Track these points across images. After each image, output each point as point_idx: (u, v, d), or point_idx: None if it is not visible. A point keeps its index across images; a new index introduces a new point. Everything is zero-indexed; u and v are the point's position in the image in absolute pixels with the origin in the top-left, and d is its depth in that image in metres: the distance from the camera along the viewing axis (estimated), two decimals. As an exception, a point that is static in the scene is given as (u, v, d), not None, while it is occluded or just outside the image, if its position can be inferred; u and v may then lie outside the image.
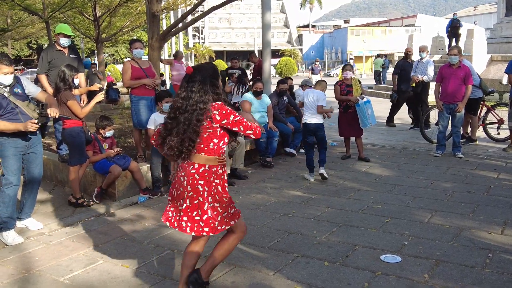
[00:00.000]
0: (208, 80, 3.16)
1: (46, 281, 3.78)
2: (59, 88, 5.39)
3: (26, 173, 4.81)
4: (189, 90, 3.12)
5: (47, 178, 6.86)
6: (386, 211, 5.25)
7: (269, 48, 9.65)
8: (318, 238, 4.51)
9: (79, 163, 5.58)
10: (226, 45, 68.96)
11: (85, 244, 4.53)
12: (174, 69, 12.42)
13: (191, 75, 3.17)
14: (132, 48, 6.75)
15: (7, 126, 4.37)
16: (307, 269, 3.85)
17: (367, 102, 7.73)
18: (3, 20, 25.55)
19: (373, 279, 3.63)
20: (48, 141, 8.21)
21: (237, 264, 3.97)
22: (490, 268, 3.76)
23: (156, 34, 8.68)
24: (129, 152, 7.08)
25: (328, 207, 5.42)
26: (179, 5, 18.89)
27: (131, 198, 5.97)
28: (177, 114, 3.12)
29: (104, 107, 14.24)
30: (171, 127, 3.14)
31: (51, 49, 6.69)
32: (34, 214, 5.21)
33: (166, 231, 4.79)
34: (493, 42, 20.40)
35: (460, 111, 7.79)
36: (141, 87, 6.68)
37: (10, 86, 4.45)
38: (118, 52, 55.48)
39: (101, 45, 20.68)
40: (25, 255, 4.31)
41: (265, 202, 5.72)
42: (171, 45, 26.36)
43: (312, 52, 70.06)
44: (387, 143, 9.37)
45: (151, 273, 3.86)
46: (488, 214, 5.07)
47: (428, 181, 6.46)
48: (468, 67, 8.02)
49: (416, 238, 4.44)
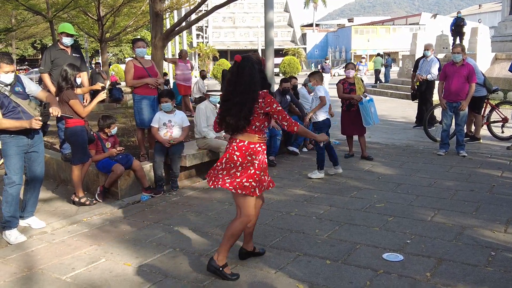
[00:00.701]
0: (256, 67, 3.59)
1: (48, 279, 3.79)
2: (61, 87, 5.41)
3: (28, 172, 4.82)
4: (239, 76, 3.55)
5: (50, 177, 6.88)
6: (388, 209, 5.24)
7: (272, 47, 9.62)
8: (320, 236, 4.50)
9: (81, 162, 5.59)
10: (230, 44, 68.97)
11: (88, 242, 4.55)
12: (178, 69, 12.40)
13: (240, 63, 3.58)
14: (135, 47, 6.75)
15: (13, 123, 4.38)
16: (309, 267, 3.85)
17: (370, 100, 7.71)
18: (8, 20, 25.66)
19: (375, 278, 3.62)
20: (51, 140, 8.24)
21: (239, 263, 3.96)
22: (493, 267, 3.74)
23: (159, 33, 8.69)
24: (132, 151, 7.09)
25: (330, 206, 5.41)
26: (183, 5, 18.86)
27: (134, 197, 5.99)
28: (230, 97, 3.57)
29: (107, 107, 14.29)
30: (225, 108, 3.61)
31: (54, 48, 6.71)
32: (37, 213, 5.23)
33: (168, 230, 4.80)
34: (497, 41, 20.31)
35: (463, 109, 7.75)
36: (144, 87, 6.68)
37: (11, 85, 4.46)
38: (122, 52, 55.62)
39: (105, 45, 20.74)
40: (28, 254, 4.32)
41: (267, 201, 5.69)
42: (174, 44, 26.38)
43: (316, 51, 69.99)
44: (390, 142, 9.35)
45: (153, 271, 3.86)
46: (491, 212, 5.05)
47: (431, 179, 6.44)
48: (472, 65, 7.97)
49: (418, 236, 4.42)
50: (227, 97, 3.61)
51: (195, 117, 6.87)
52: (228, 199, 5.80)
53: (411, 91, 11.32)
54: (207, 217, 5.20)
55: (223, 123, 3.66)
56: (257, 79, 3.55)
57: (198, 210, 5.46)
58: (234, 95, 3.54)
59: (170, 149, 6.23)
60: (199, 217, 5.20)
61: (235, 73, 3.58)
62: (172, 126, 6.37)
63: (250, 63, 3.56)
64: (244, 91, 3.51)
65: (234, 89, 3.55)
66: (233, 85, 3.57)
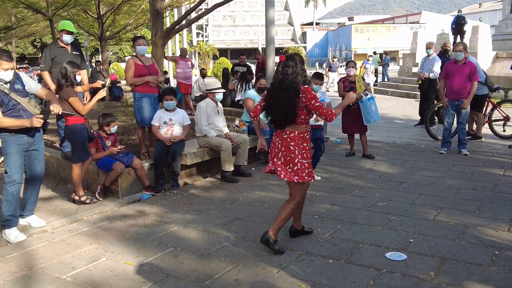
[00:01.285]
0: (299, 65, 3.99)
1: (48, 278, 3.76)
2: (61, 85, 5.36)
3: (28, 170, 4.78)
4: (284, 73, 3.96)
5: (50, 175, 6.85)
6: (391, 208, 5.21)
7: (273, 45, 9.57)
8: (323, 235, 4.47)
9: (81, 160, 5.55)
10: (230, 43, 68.86)
11: (88, 241, 4.51)
12: (179, 67, 12.37)
13: (285, 62, 4.00)
14: (136, 45, 6.72)
15: (13, 122, 4.35)
16: (311, 266, 3.82)
17: (371, 98, 7.68)
18: (7, 18, 25.58)
19: (378, 277, 3.59)
20: (51, 138, 8.20)
21: (241, 262, 3.93)
22: (497, 266, 3.71)
23: (160, 32, 8.65)
24: (133, 149, 7.05)
25: (332, 205, 5.38)
26: (183, 3, 18.85)
27: (134, 196, 5.95)
28: (274, 94, 3.99)
29: (107, 105, 14.23)
30: (270, 102, 4.03)
31: (54, 46, 6.67)
32: (37, 211, 5.20)
33: (169, 229, 4.77)
34: (498, 39, 20.27)
35: (465, 108, 7.71)
36: (144, 85, 6.65)
37: (10, 82, 4.42)
38: (122, 50, 55.49)
39: (105, 43, 20.68)
40: (28, 253, 4.29)
41: (269, 200, 5.68)
42: (175, 43, 26.33)
43: (316, 50, 69.85)
44: (391, 140, 9.31)
45: (154, 270, 3.83)
46: (494, 211, 5.01)
47: (433, 178, 6.41)
48: (474, 63, 7.93)
49: (421, 235, 4.39)
50: (273, 93, 4.02)
51: (196, 116, 6.83)
52: (229, 198, 5.77)
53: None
54: (208, 215, 5.17)
55: (270, 119, 4.07)
56: (299, 76, 3.96)
57: (199, 208, 5.42)
58: (279, 91, 3.95)
59: (171, 147, 6.19)
60: (200, 216, 5.17)
61: (280, 71, 3.99)
62: (173, 125, 6.34)
63: (293, 62, 3.98)
64: (288, 87, 3.91)
65: (280, 85, 3.96)
66: (279, 82, 3.98)
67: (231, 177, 6.56)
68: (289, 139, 3.99)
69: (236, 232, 4.63)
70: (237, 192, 6.04)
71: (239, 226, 4.79)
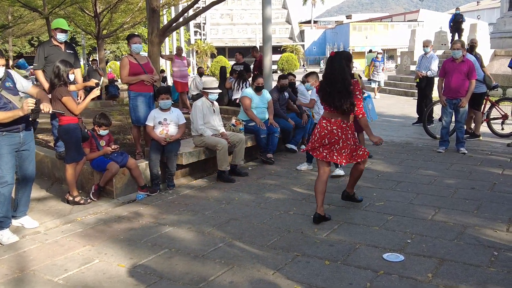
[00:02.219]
0: (343, 61, 4.51)
1: (40, 281, 3.69)
2: (54, 84, 5.28)
3: (19, 170, 4.71)
4: (333, 68, 4.51)
5: (44, 176, 6.78)
6: (388, 208, 5.15)
7: (270, 43, 9.54)
8: (319, 236, 4.41)
9: (75, 160, 5.48)
10: (228, 41, 68.79)
11: (81, 243, 4.44)
12: (175, 65, 12.31)
13: (334, 57, 4.56)
14: (131, 43, 6.65)
15: (6, 114, 4.25)
16: (307, 268, 3.76)
17: (368, 97, 7.61)
18: (4, 17, 25.45)
19: (375, 279, 3.53)
20: (46, 137, 8.13)
21: (236, 263, 3.87)
22: (496, 267, 3.66)
23: (156, 30, 8.56)
24: (128, 149, 6.99)
25: (329, 204, 5.32)
26: (180, 1, 18.75)
27: (129, 196, 5.89)
28: (328, 87, 4.52)
29: (104, 104, 14.15)
30: (327, 96, 4.53)
31: (48, 44, 6.59)
32: (31, 212, 5.14)
33: (164, 230, 4.70)
34: (496, 37, 20.24)
35: (463, 106, 7.65)
36: (139, 83, 6.58)
37: (1, 79, 4.34)
38: (120, 49, 55.32)
39: (102, 42, 20.55)
40: (20, 255, 4.22)
41: (265, 200, 5.62)
42: (172, 41, 26.24)
43: (314, 48, 69.78)
44: (389, 139, 9.25)
45: (147, 273, 3.77)
46: (493, 211, 4.96)
47: (431, 177, 6.35)
48: (472, 61, 7.88)
49: (419, 236, 4.33)
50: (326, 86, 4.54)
51: (192, 115, 6.77)
52: (225, 198, 5.71)
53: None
54: (204, 216, 5.11)
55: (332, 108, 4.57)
56: (346, 69, 4.49)
57: (195, 209, 5.36)
58: (334, 82, 4.46)
59: (166, 147, 6.13)
60: (195, 216, 5.10)
61: (329, 66, 4.55)
62: (168, 124, 6.27)
63: (339, 57, 4.53)
64: (342, 79, 4.43)
65: (333, 78, 4.48)
66: (329, 75, 4.52)
67: (227, 177, 6.50)
68: (348, 128, 4.60)
69: (232, 233, 4.57)
70: (233, 192, 5.98)
71: (235, 227, 4.73)
